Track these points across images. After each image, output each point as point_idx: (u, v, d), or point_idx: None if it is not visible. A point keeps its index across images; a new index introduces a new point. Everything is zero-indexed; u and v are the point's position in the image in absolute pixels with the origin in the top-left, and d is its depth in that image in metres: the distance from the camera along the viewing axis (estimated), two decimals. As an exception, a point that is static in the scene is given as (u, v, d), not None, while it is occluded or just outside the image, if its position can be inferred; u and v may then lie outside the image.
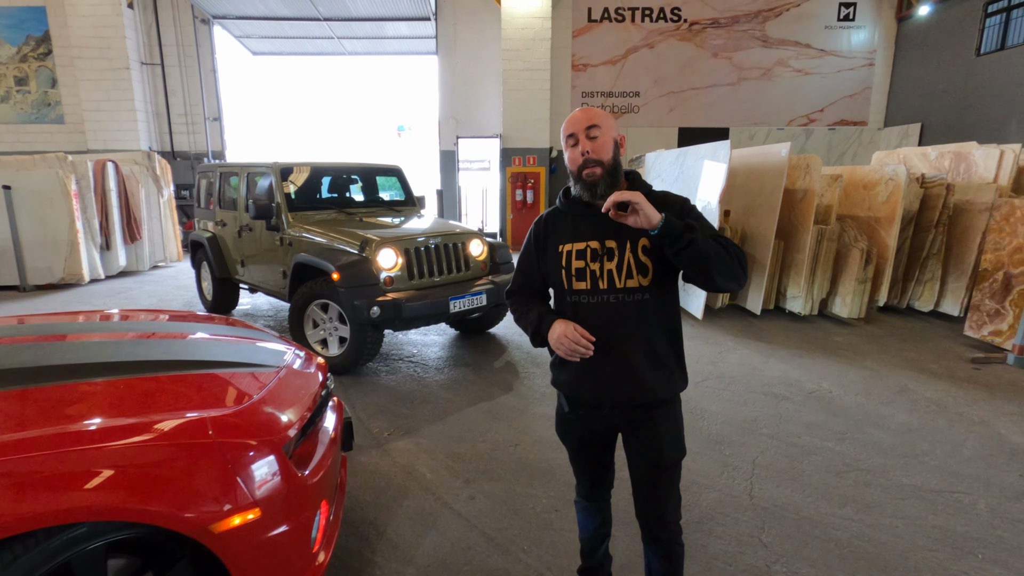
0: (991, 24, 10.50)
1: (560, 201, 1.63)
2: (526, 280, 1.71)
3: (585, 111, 1.49)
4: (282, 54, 14.87)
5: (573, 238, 1.54)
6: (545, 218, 1.65)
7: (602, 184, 1.47)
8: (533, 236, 1.65)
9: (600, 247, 1.50)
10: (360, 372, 4.32)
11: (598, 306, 1.51)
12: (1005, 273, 4.73)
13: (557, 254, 1.56)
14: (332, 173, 5.67)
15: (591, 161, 1.47)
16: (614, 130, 1.51)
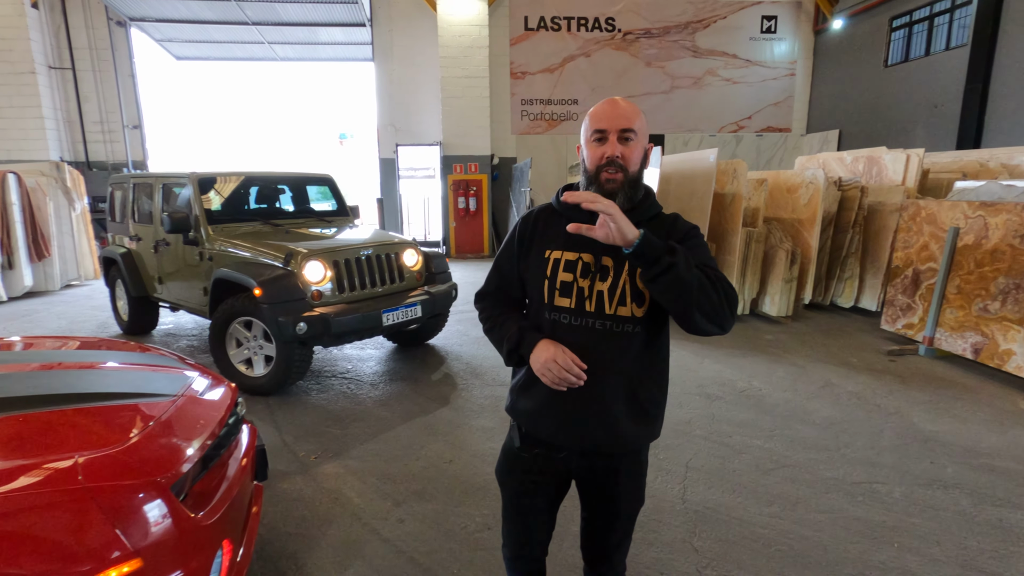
0: (896, 38, 11.32)
1: (557, 199, 1.39)
2: (502, 282, 1.48)
3: (620, 105, 1.27)
4: (209, 59, 14.22)
5: (565, 245, 1.33)
6: (536, 215, 1.43)
7: (621, 195, 1.27)
8: (518, 233, 1.43)
9: (594, 262, 1.29)
10: (288, 392, 4.10)
11: (580, 330, 1.30)
12: (914, 270, 5.04)
13: (542, 260, 1.35)
14: (259, 183, 5.40)
15: (617, 165, 1.26)
16: (646, 138, 1.33)
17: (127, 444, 1.54)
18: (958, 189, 5.09)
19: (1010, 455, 3.10)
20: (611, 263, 1.29)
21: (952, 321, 4.61)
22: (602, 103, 1.29)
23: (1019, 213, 4.16)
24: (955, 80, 9.72)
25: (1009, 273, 4.19)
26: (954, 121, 9.73)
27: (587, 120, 1.31)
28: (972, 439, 3.29)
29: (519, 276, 1.44)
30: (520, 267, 1.43)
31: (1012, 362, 4.11)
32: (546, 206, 1.45)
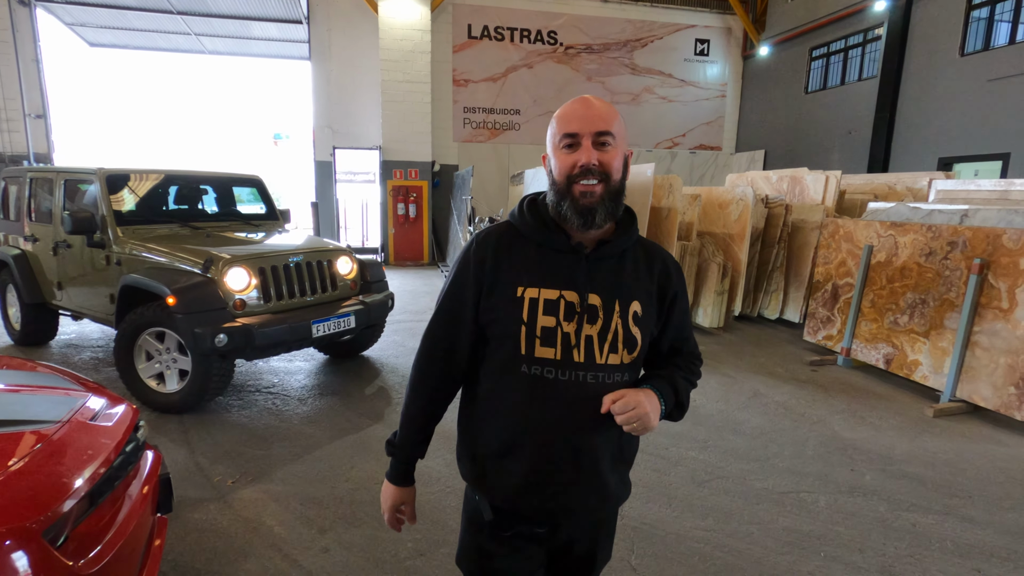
0: (815, 67, 12.14)
1: (520, 215, 1.15)
2: (450, 330, 1.16)
3: (594, 105, 1.06)
4: (127, 47, 13.25)
5: (541, 280, 1.08)
6: (496, 239, 1.13)
7: (601, 210, 1.05)
8: (474, 263, 1.12)
9: (580, 302, 1.07)
10: (205, 409, 3.78)
11: (568, 387, 1.07)
12: (833, 284, 5.34)
13: (514, 299, 1.08)
14: (178, 183, 5.01)
15: (596, 174, 1.04)
16: (626, 142, 1.11)
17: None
18: (871, 209, 5.45)
19: (920, 461, 3.30)
20: (599, 302, 1.08)
21: (867, 333, 4.91)
22: (572, 102, 1.08)
23: (924, 233, 4.49)
24: (866, 108, 10.52)
25: (916, 289, 4.50)
26: (866, 146, 10.52)
27: (554, 123, 1.09)
28: (887, 446, 3.48)
29: (473, 323, 1.13)
30: (478, 309, 1.12)
31: (919, 372, 4.41)
32: (505, 226, 1.17)
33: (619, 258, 1.13)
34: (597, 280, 1.09)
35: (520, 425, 1.10)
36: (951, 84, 9.05)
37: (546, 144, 1.13)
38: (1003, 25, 8.57)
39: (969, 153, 8.86)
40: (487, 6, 12.33)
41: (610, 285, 1.10)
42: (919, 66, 9.56)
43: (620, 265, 1.13)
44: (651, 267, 1.16)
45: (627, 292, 1.11)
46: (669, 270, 1.18)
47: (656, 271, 1.17)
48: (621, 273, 1.12)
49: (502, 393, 1.12)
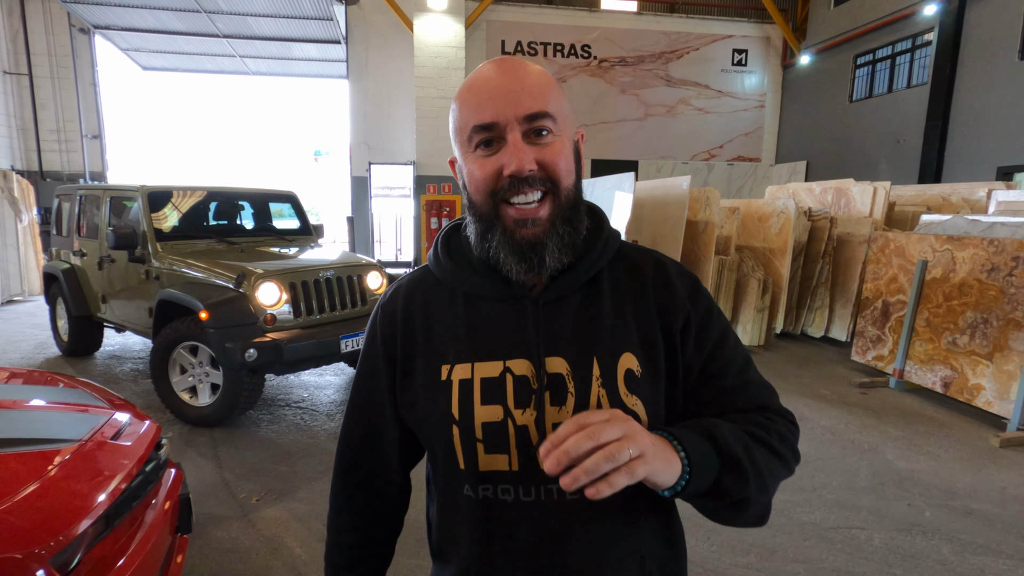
0: (860, 75, 11.72)
1: (435, 256, 0.81)
2: (365, 433, 0.84)
3: (514, 71, 0.69)
4: (177, 70, 13.89)
5: (474, 349, 0.74)
6: (404, 296, 0.80)
7: (552, 240, 0.70)
8: (380, 337, 0.80)
9: (536, 373, 0.72)
10: (235, 423, 3.80)
11: (540, 512, 0.71)
12: (883, 301, 5.04)
13: (438, 384, 0.74)
14: (217, 199, 5.13)
15: (536, 181, 0.68)
16: (572, 120, 0.75)
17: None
18: (924, 222, 5.14)
19: (987, 497, 3.02)
20: (566, 368, 0.71)
21: (922, 354, 4.59)
22: (479, 71, 0.71)
23: (985, 248, 4.18)
24: (916, 116, 10.06)
25: (977, 307, 4.19)
26: (916, 155, 10.04)
27: (455, 110, 0.72)
28: (948, 479, 3.21)
29: (395, 421, 0.81)
30: (396, 401, 0.80)
31: (981, 397, 4.08)
32: (420, 275, 0.82)
33: (588, 290, 0.76)
34: (557, 334, 0.73)
35: (479, 569, 0.74)
36: (1010, 89, 8.56)
37: (453, 144, 0.75)
38: (1067, 26, 8.07)
39: (1031, 162, 8.33)
40: (520, 22, 12.41)
41: (579, 337, 0.73)
42: (974, 71, 9.08)
43: (591, 301, 0.75)
44: (641, 287, 0.77)
45: (608, 341, 0.73)
46: (670, 279, 0.77)
47: (650, 289, 0.77)
48: (595, 313, 0.74)
49: (450, 522, 0.77)
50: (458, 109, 0.71)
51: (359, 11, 11.57)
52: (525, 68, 0.70)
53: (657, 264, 0.80)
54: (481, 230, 0.73)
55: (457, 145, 0.74)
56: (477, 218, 0.73)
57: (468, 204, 0.75)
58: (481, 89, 0.69)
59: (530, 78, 0.69)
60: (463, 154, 0.73)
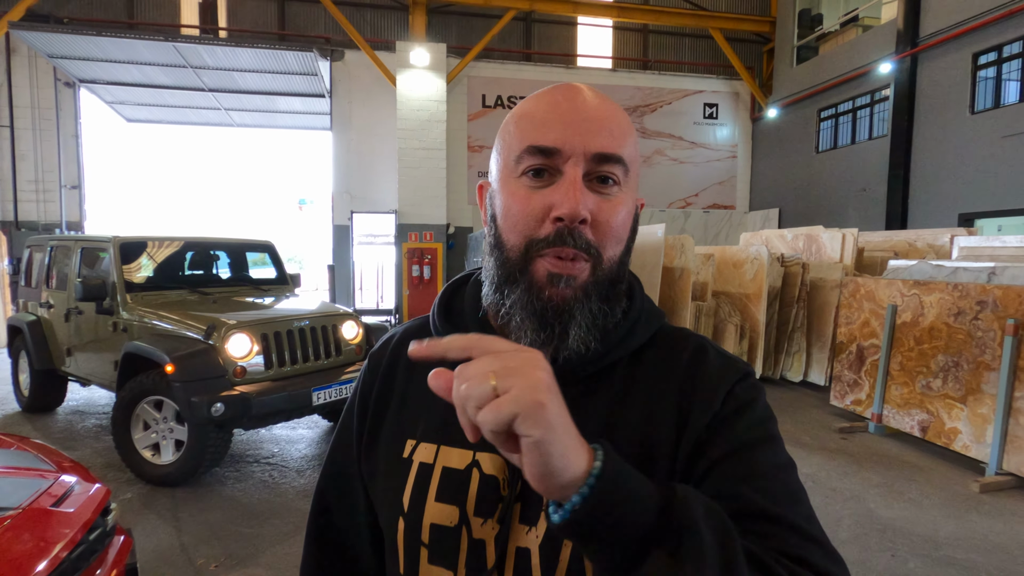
0: (824, 127, 12.28)
1: (434, 321, 0.69)
2: (342, 499, 0.72)
3: (590, 101, 0.57)
4: (162, 122, 14.04)
5: (443, 431, 0.62)
6: (394, 347, 0.70)
7: (580, 316, 0.56)
8: (360, 389, 0.71)
9: (508, 474, 0.58)
10: (199, 482, 3.64)
11: None
12: (858, 346, 5.10)
13: (398, 461, 0.64)
14: (193, 249, 5.09)
15: (581, 241, 0.55)
16: (637, 180, 0.62)
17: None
18: (892, 268, 5.28)
19: (970, 545, 2.97)
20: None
21: (898, 398, 4.62)
22: (551, 90, 0.59)
23: (950, 292, 4.29)
24: (879, 166, 10.51)
25: (947, 351, 4.26)
26: (881, 203, 10.42)
27: (509, 127, 0.60)
28: (930, 527, 3.16)
29: (362, 482, 0.69)
30: (362, 471, 0.69)
31: (959, 441, 4.09)
32: (421, 326, 0.72)
33: (593, 381, 0.60)
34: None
35: None
36: (964, 141, 9.02)
37: (491, 166, 0.62)
38: (1012, 84, 8.62)
39: (991, 208, 8.69)
40: (500, 77, 12.88)
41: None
42: (930, 124, 9.58)
43: (595, 394, 0.59)
44: (665, 379, 0.60)
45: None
46: (707, 367, 0.60)
47: (676, 381, 0.59)
48: (593, 411, 0.58)
49: None
50: (513, 126, 0.59)
51: (344, 66, 11.93)
52: (608, 102, 0.58)
53: (696, 351, 0.61)
54: (500, 280, 0.58)
55: (498, 168, 0.60)
56: (499, 264, 0.58)
57: (492, 245, 0.60)
58: (551, 108, 0.56)
59: (613, 114, 0.57)
60: (503, 178, 0.58)
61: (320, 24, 12.47)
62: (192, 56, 10.39)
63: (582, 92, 0.58)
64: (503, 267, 0.58)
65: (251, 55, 10.44)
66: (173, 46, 9.96)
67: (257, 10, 12.30)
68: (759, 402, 0.59)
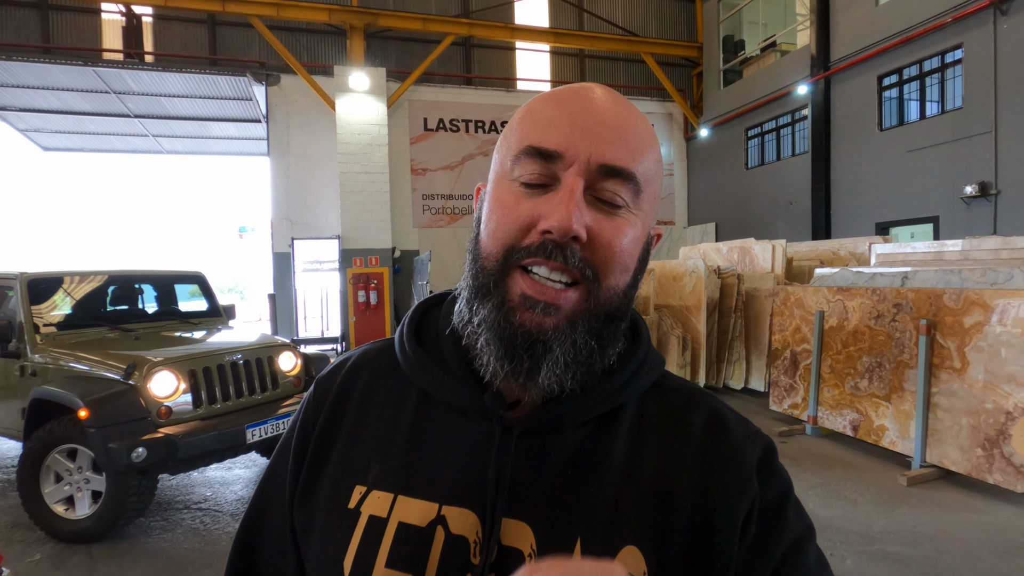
0: (752, 145, 12.98)
1: (402, 340, 0.60)
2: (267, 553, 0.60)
3: (614, 103, 0.50)
4: (83, 150, 13.27)
5: (402, 478, 0.52)
6: (347, 373, 0.61)
7: (560, 349, 0.48)
8: (302, 417, 0.61)
9: (481, 536, 0.49)
10: (120, 535, 3.35)
11: None
12: (791, 351, 5.33)
13: (341, 512, 0.53)
14: (115, 283, 4.78)
15: (575, 259, 0.47)
16: (656, 207, 0.54)
17: None
18: (818, 275, 5.57)
19: (900, 538, 3.11)
20: (530, 543, 0.49)
21: (830, 400, 4.84)
22: (559, 89, 0.52)
23: (870, 297, 4.56)
24: (803, 180, 11.17)
25: (871, 352, 4.50)
26: (807, 215, 11.06)
27: (516, 125, 0.54)
28: (864, 523, 3.29)
29: (297, 552, 0.58)
30: (296, 515, 0.57)
31: (886, 437, 4.31)
32: (381, 351, 0.63)
33: (595, 431, 0.54)
34: (530, 486, 0.50)
35: None
36: (876, 156, 9.74)
37: (491, 167, 0.56)
38: (913, 103, 9.40)
39: (902, 217, 9.37)
40: (441, 101, 12.95)
41: (563, 500, 0.50)
42: (845, 141, 10.30)
43: (597, 448, 0.53)
44: (681, 446, 0.54)
45: (607, 520, 0.49)
46: (732, 444, 0.54)
47: (696, 454, 0.53)
48: (597, 468, 0.52)
49: None
50: (516, 124, 0.53)
51: (280, 91, 11.69)
52: (630, 108, 0.50)
53: (712, 416, 0.55)
54: (470, 295, 0.52)
55: (494, 169, 0.54)
56: (473, 275, 0.52)
57: (470, 251, 0.54)
58: (558, 106, 0.49)
59: (632, 122, 0.49)
60: (496, 179, 0.52)
61: (254, 48, 12.22)
62: (115, 81, 9.92)
63: (598, 92, 0.50)
64: (476, 278, 0.51)
65: (180, 80, 10.08)
66: (94, 71, 9.48)
67: (186, 34, 11.93)
68: (789, 479, 0.55)
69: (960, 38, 8.28)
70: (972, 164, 8.18)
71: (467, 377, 0.54)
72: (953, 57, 8.57)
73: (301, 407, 0.62)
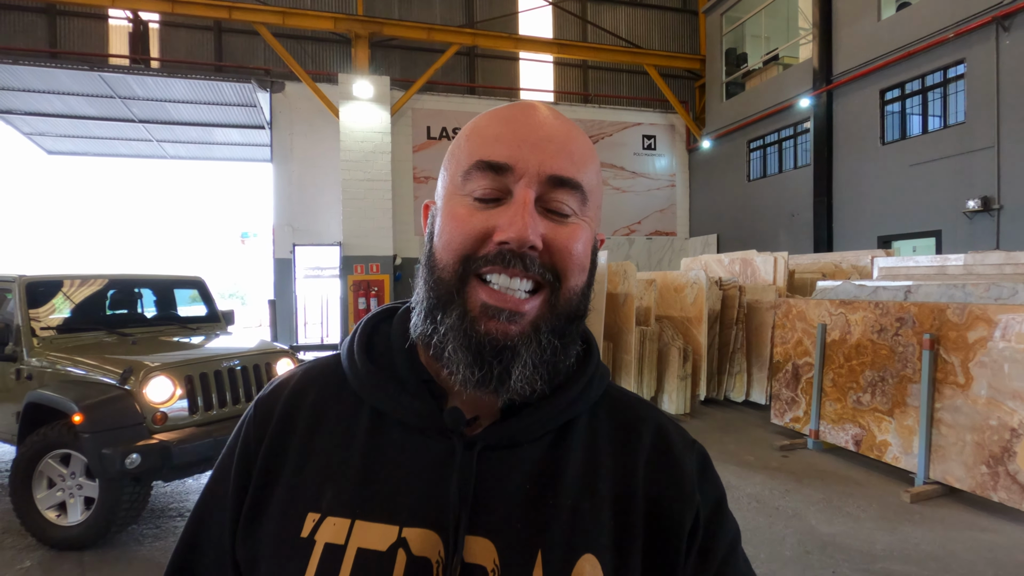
0: (754, 157, 13.00)
1: (351, 355, 0.59)
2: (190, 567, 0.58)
3: (547, 120, 0.52)
4: (87, 154, 13.34)
5: (358, 502, 0.50)
6: (290, 393, 0.58)
7: (526, 356, 0.49)
8: (242, 441, 0.58)
9: (444, 557, 0.48)
10: (112, 543, 3.31)
11: None
12: (793, 364, 5.29)
13: (294, 541, 0.50)
14: (114, 287, 4.77)
15: (534, 265, 0.49)
16: (599, 214, 0.58)
17: None
18: (820, 288, 5.55)
19: (904, 556, 3.06)
20: (493, 558, 0.48)
21: (832, 414, 4.79)
22: (511, 105, 0.55)
23: (872, 311, 4.53)
24: (805, 193, 11.17)
25: (873, 366, 4.46)
26: (809, 228, 11.04)
27: (463, 141, 0.54)
28: (867, 540, 3.24)
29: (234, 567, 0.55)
30: (236, 550, 0.55)
31: (889, 453, 4.26)
32: (327, 366, 0.61)
33: (551, 444, 0.54)
34: (492, 502, 0.50)
35: None
36: (878, 169, 9.74)
37: (438, 184, 0.57)
38: (915, 117, 9.42)
39: (905, 231, 9.36)
40: (444, 110, 13.01)
41: (524, 513, 0.50)
42: (847, 154, 10.31)
43: (553, 460, 0.53)
44: (630, 457, 0.56)
45: (566, 529, 0.50)
46: (675, 456, 0.57)
47: (642, 464, 0.55)
48: (554, 481, 0.52)
49: None
50: (464, 140, 0.54)
51: (284, 98, 11.75)
52: (570, 124, 0.53)
53: (658, 431, 0.57)
54: (430, 306, 0.51)
55: (443, 185, 0.54)
56: (431, 287, 0.52)
57: (424, 265, 0.54)
58: (505, 122, 0.52)
59: (574, 137, 0.52)
60: (448, 195, 0.52)
61: (259, 56, 12.30)
62: (120, 86, 9.99)
63: (541, 109, 0.53)
64: (435, 289, 0.52)
65: (185, 86, 10.14)
66: (100, 76, 9.55)
67: (192, 41, 12.02)
68: (722, 487, 0.59)
69: (962, 53, 8.31)
70: (975, 178, 8.18)
71: (423, 394, 0.54)
72: (955, 72, 8.59)
73: (239, 430, 0.60)
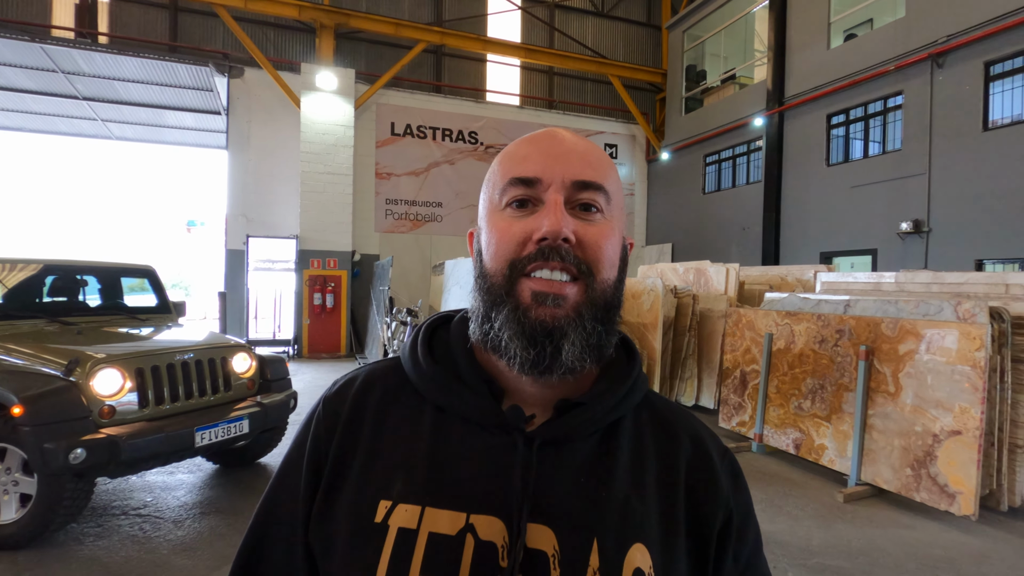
0: (710, 171, 13.51)
1: (412, 353, 0.64)
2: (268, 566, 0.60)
3: (568, 140, 0.59)
4: (22, 130, 12.50)
5: (429, 490, 0.55)
6: (357, 392, 0.62)
7: (573, 336, 0.55)
8: (312, 438, 0.61)
9: (509, 544, 0.52)
10: (50, 541, 3.15)
11: None
12: (741, 371, 5.56)
13: (368, 528, 0.54)
14: (54, 273, 4.51)
15: (570, 257, 0.55)
16: (624, 216, 0.63)
17: None
18: (768, 299, 5.84)
19: (837, 551, 3.28)
20: (553, 544, 0.53)
21: (776, 419, 5.06)
22: (531, 136, 0.61)
23: (815, 322, 4.82)
24: (756, 208, 11.69)
25: (814, 375, 4.75)
26: (758, 241, 11.57)
27: (497, 167, 0.61)
28: (805, 538, 3.46)
29: (308, 558, 0.59)
30: (310, 540, 0.59)
31: (825, 456, 4.54)
32: (388, 369, 0.65)
33: (602, 441, 0.59)
34: (551, 491, 0.55)
35: None
36: (822, 189, 10.32)
37: (479, 211, 0.63)
38: (857, 142, 10.04)
39: (845, 248, 9.95)
40: (410, 107, 12.91)
41: (581, 504, 0.55)
42: (795, 173, 10.87)
43: (606, 455, 0.59)
44: (673, 457, 0.62)
45: (618, 520, 0.55)
46: (711, 460, 0.63)
47: (683, 465, 0.61)
48: (608, 475, 0.57)
49: None
50: (497, 166, 0.61)
51: (243, 84, 11.37)
52: (586, 140, 0.61)
53: (696, 436, 0.64)
54: (485, 308, 0.57)
55: (484, 208, 0.61)
56: (485, 292, 0.58)
57: (478, 278, 0.60)
58: (531, 144, 0.59)
59: (593, 150, 0.60)
60: (489, 214, 0.59)
61: (218, 39, 11.87)
62: (64, 61, 9.43)
63: (562, 132, 0.61)
64: (488, 294, 0.58)
65: (136, 64, 9.67)
66: (41, 47, 8.99)
67: (145, 18, 11.48)
68: (749, 491, 0.67)
69: (901, 85, 8.93)
70: (908, 202, 8.79)
71: (484, 392, 0.59)
72: (895, 102, 9.22)
73: (307, 427, 0.63)
